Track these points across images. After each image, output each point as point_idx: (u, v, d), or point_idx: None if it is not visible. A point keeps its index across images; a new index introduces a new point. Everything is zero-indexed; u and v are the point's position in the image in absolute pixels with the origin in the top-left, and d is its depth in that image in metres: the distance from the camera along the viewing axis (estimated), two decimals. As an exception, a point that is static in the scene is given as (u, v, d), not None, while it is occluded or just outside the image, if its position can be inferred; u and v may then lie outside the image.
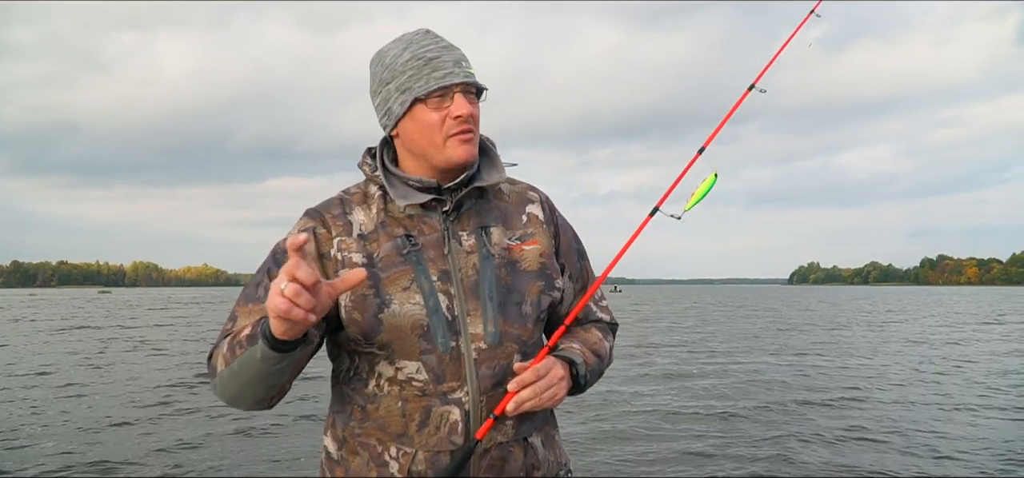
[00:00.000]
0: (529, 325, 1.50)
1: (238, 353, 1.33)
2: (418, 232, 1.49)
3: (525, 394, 1.39)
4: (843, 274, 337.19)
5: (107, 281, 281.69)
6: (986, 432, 8.05)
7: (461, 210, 1.52)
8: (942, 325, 26.71)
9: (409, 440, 1.44)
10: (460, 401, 1.42)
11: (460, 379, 1.43)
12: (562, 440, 1.64)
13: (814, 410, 9.26)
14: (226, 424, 8.43)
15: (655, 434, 7.93)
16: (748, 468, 6.58)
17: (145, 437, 7.94)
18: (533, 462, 1.50)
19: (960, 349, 17.37)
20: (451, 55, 1.48)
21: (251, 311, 1.44)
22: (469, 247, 1.49)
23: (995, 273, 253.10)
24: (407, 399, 1.44)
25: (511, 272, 1.50)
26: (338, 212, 1.52)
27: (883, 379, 12.09)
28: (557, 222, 1.63)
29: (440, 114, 1.46)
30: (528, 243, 1.55)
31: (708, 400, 10.03)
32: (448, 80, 1.45)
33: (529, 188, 1.64)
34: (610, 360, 1.65)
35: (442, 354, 1.42)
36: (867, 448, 7.31)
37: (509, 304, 1.48)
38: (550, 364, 1.44)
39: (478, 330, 1.44)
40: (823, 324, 27.07)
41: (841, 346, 17.87)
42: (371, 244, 1.48)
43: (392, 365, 1.45)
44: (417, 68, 1.46)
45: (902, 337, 20.87)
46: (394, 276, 1.45)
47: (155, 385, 11.60)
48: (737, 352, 16.47)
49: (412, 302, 1.43)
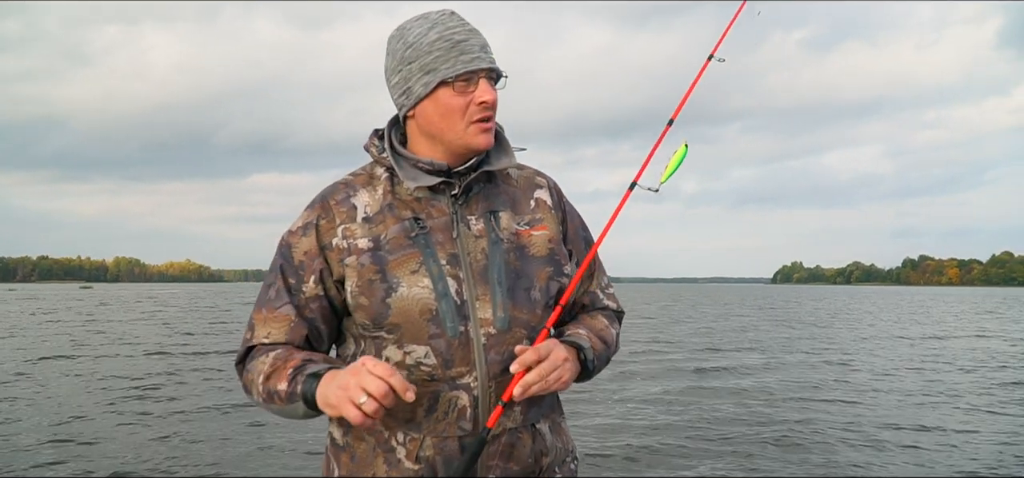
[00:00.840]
0: (538, 310, 1.48)
1: (276, 403, 1.40)
2: (426, 215, 1.48)
3: (531, 376, 1.37)
4: (826, 274, 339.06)
5: (89, 276, 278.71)
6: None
7: (470, 194, 1.51)
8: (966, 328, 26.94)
9: (417, 426, 1.43)
10: (469, 386, 1.42)
11: (469, 364, 1.42)
12: (568, 427, 1.64)
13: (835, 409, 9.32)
14: (236, 415, 8.38)
15: (653, 433, 7.96)
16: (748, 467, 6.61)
17: (144, 430, 7.88)
18: (541, 448, 1.50)
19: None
20: (477, 39, 1.45)
21: (266, 318, 1.48)
22: (478, 231, 1.48)
23: (975, 274, 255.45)
24: (415, 384, 1.42)
25: (520, 257, 1.49)
26: (342, 197, 1.51)
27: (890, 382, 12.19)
28: (565, 208, 1.62)
29: (464, 99, 1.43)
30: (537, 228, 1.53)
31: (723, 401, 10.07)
32: (475, 65, 1.43)
33: (537, 173, 1.63)
34: (616, 347, 1.63)
35: (451, 339, 1.41)
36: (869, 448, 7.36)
37: (518, 289, 1.46)
38: (551, 345, 1.42)
39: (487, 315, 1.43)
40: (838, 324, 27.25)
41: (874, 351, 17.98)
42: (377, 226, 1.47)
43: (400, 349, 1.43)
44: (444, 50, 1.42)
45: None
46: (402, 259, 1.44)
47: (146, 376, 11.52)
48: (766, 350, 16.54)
49: (421, 285, 1.42)
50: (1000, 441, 7.53)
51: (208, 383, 11.27)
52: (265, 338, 1.48)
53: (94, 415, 8.72)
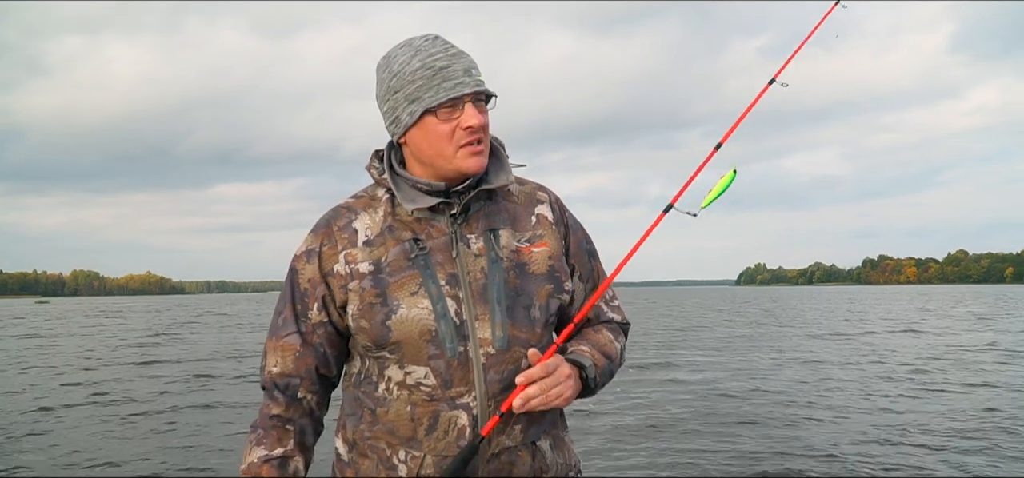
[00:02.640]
0: (537, 329, 1.48)
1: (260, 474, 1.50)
2: (426, 235, 1.48)
3: (532, 390, 1.37)
4: (789, 275, 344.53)
5: (45, 290, 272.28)
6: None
7: (469, 213, 1.51)
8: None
9: (418, 444, 1.44)
10: (468, 406, 1.42)
11: (468, 384, 1.42)
12: (572, 441, 1.63)
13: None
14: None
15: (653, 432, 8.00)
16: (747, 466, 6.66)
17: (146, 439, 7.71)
18: (541, 465, 1.50)
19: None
20: (461, 63, 1.44)
21: (275, 347, 1.54)
22: (477, 250, 1.48)
23: (932, 272, 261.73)
24: (416, 403, 1.44)
25: (520, 275, 1.49)
26: (344, 223, 1.52)
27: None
28: (567, 222, 1.61)
29: (450, 125, 1.43)
30: (537, 245, 1.53)
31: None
32: (458, 91, 1.42)
33: (538, 188, 1.62)
34: (621, 361, 1.62)
35: (450, 359, 1.42)
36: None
37: (517, 308, 1.47)
38: (558, 362, 1.42)
39: (486, 335, 1.44)
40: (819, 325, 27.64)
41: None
42: (378, 249, 1.48)
43: (401, 369, 1.45)
44: (427, 78, 1.42)
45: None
46: (402, 281, 1.44)
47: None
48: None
49: (420, 307, 1.42)
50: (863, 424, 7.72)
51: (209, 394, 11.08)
52: (274, 367, 1.53)
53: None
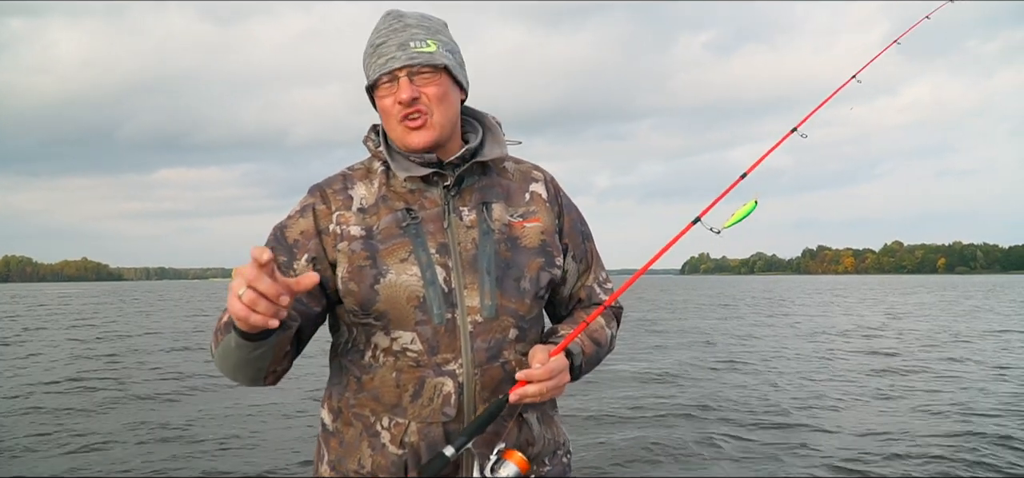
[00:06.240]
0: (527, 300, 1.50)
1: (219, 339, 1.35)
2: (419, 206, 1.50)
3: (531, 390, 1.39)
4: (731, 264, 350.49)
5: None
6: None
7: (462, 185, 1.53)
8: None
9: (402, 410, 1.45)
10: (454, 373, 1.44)
11: (454, 351, 1.44)
12: (561, 419, 1.65)
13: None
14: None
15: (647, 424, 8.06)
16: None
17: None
18: (528, 437, 1.51)
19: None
20: (397, 38, 1.45)
21: None
22: (469, 222, 1.50)
23: (869, 262, 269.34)
24: (401, 370, 1.45)
25: (511, 248, 1.51)
26: (339, 187, 1.53)
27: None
28: (562, 202, 1.63)
29: (390, 101, 1.46)
30: (530, 220, 1.55)
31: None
32: (389, 66, 1.44)
33: (534, 168, 1.65)
34: (611, 347, 1.63)
35: (437, 326, 1.43)
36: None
37: (507, 279, 1.48)
38: (562, 366, 1.44)
39: (474, 303, 1.45)
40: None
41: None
42: (371, 217, 1.49)
43: (388, 335, 1.45)
44: (368, 55, 1.48)
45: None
46: (392, 248, 1.46)
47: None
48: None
49: (409, 273, 1.44)
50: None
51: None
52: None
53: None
